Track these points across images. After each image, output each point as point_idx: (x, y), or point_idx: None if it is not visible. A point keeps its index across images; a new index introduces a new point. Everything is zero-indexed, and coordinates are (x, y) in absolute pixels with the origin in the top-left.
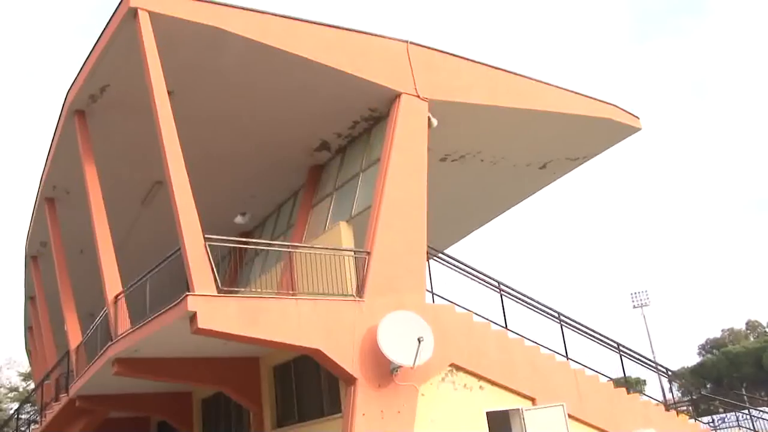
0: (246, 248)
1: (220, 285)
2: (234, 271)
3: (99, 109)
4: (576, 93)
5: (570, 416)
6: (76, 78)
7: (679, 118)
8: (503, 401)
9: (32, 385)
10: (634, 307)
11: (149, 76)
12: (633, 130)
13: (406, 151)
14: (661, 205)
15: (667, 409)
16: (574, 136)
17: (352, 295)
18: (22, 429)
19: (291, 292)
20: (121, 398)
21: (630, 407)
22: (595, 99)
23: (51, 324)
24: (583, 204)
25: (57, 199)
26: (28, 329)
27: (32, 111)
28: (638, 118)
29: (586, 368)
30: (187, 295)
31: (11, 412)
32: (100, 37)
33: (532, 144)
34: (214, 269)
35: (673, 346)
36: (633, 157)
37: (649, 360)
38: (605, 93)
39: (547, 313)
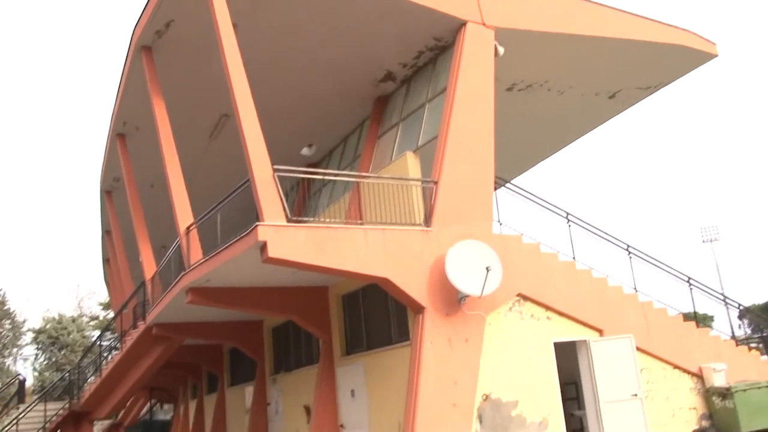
0: (313, 179)
1: (289, 215)
2: (302, 202)
3: (165, 45)
4: (648, 19)
5: (638, 348)
6: (141, 14)
7: (758, 42)
8: (570, 332)
9: (111, 314)
10: (704, 242)
11: (213, 9)
12: (708, 56)
13: (473, 80)
14: (734, 135)
15: (738, 345)
16: (646, 64)
17: (419, 225)
18: (104, 355)
19: (359, 221)
20: (195, 326)
21: (699, 341)
22: (668, 25)
23: (127, 256)
24: (653, 133)
25: (128, 134)
26: (106, 261)
27: (103, 48)
28: (714, 44)
29: (654, 301)
30: (257, 225)
31: (93, 339)
32: None
33: (601, 73)
34: (283, 199)
35: (743, 283)
36: (707, 83)
37: (720, 294)
38: (679, 18)
39: (616, 245)
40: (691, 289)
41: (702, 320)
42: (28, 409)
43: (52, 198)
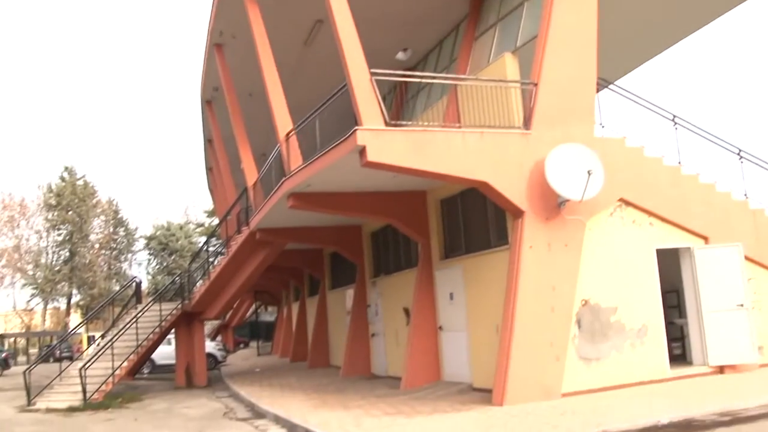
0: (410, 83)
1: (387, 119)
2: (399, 106)
3: None
4: None
5: (746, 257)
6: None
7: None
8: (673, 239)
9: (216, 221)
10: None
11: None
12: None
13: None
14: None
15: None
16: None
17: (519, 128)
18: (211, 260)
19: (457, 124)
20: (296, 231)
21: None
22: None
23: (229, 164)
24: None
25: (225, 44)
26: (209, 170)
27: None
28: None
29: (767, 208)
30: (356, 130)
31: (200, 245)
32: None
33: None
34: (381, 104)
35: None
36: None
37: None
38: None
39: (726, 149)
40: None
41: None
42: (146, 308)
43: (161, 110)
